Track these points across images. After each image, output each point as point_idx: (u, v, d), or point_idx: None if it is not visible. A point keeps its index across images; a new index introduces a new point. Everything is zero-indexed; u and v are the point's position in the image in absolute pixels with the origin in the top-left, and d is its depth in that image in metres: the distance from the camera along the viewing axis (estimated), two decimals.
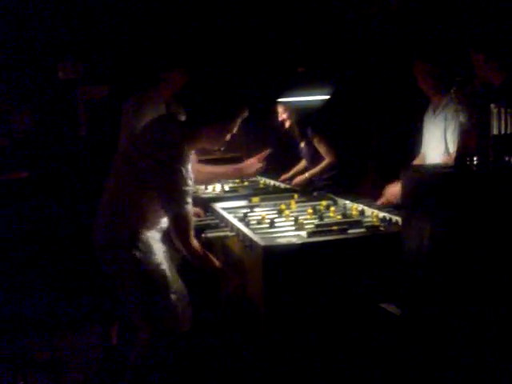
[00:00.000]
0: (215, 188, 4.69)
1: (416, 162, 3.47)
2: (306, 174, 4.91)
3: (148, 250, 2.71)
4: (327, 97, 4.76)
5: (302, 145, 5.05)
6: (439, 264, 1.99)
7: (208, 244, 3.00)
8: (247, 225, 3.00)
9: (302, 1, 4.87)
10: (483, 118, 2.13)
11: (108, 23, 5.48)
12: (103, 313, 3.90)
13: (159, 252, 2.77)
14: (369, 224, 2.88)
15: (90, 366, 3.70)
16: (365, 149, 5.85)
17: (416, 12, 3.84)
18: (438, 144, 3.17)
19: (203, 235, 2.96)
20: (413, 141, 3.60)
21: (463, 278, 1.91)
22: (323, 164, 4.84)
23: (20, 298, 4.67)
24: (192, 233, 2.65)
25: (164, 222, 2.78)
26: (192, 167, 2.78)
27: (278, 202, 3.63)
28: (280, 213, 3.29)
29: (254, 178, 5.27)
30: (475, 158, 2.10)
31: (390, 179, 3.36)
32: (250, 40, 5.04)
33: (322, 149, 4.84)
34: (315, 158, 4.91)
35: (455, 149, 2.94)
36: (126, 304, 2.80)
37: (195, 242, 2.66)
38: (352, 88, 5.28)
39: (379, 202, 3.38)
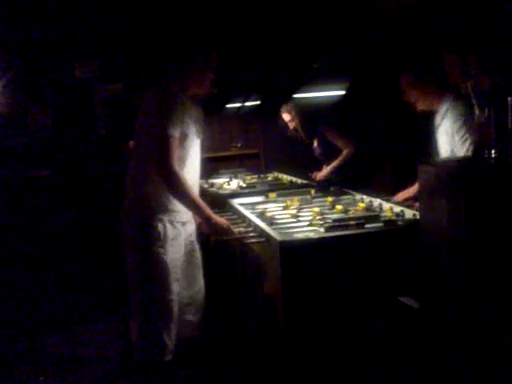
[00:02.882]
0: (231, 184, 4.70)
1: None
2: (328, 168, 4.92)
3: (161, 239, 2.75)
4: (342, 92, 4.75)
5: (315, 144, 5.06)
6: (458, 257, 1.99)
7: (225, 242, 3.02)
8: (264, 220, 3.02)
9: None
10: (500, 110, 2.11)
11: (122, 21, 5.51)
12: (122, 307, 3.94)
13: (174, 246, 2.80)
14: (386, 218, 2.88)
15: (110, 360, 3.73)
16: (379, 145, 5.83)
17: (435, 8, 3.80)
18: (445, 146, 3.16)
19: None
20: (428, 139, 3.57)
21: (483, 271, 1.90)
22: (343, 155, 4.85)
23: (39, 294, 4.73)
24: (173, 161, 2.69)
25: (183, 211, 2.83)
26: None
27: (294, 198, 3.65)
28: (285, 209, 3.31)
29: (271, 174, 5.30)
30: (493, 151, 2.09)
31: (405, 176, 3.35)
32: (265, 37, 5.04)
33: (339, 142, 4.86)
34: (331, 154, 4.92)
35: (461, 151, 2.97)
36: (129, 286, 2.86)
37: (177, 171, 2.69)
38: (366, 84, 5.26)
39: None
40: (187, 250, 2.94)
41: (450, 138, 3.10)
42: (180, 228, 2.86)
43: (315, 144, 5.06)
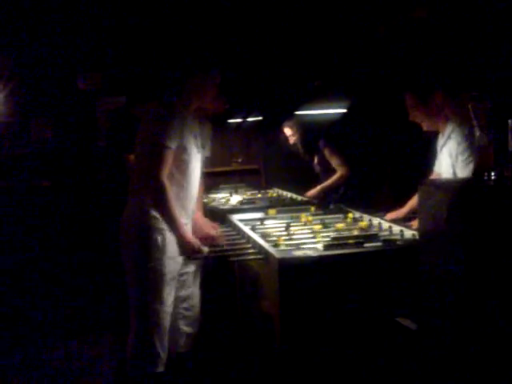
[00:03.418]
0: (231, 200, 4.71)
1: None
2: (318, 187, 4.92)
3: (159, 251, 2.75)
4: (343, 110, 4.78)
5: (316, 160, 5.07)
6: (457, 278, 1.98)
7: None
8: (263, 236, 3.02)
9: (320, 14, 4.89)
10: (501, 133, 2.12)
11: (125, 34, 5.55)
12: (119, 321, 3.93)
13: (172, 258, 2.80)
14: (385, 237, 2.88)
15: (104, 374, 3.71)
16: (379, 162, 5.84)
17: (441, 25, 3.83)
18: (448, 168, 3.17)
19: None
20: (427, 157, 3.58)
21: (481, 292, 1.90)
22: (335, 177, 4.86)
23: (36, 306, 4.72)
24: (163, 172, 2.69)
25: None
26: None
27: (295, 215, 3.65)
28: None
29: (270, 190, 5.30)
30: (493, 173, 2.10)
31: (404, 193, 3.35)
32: (268, 54, 5.08)
33: (333, 161, 4.87)
34: (330, 172, 4.93)
35: (464, 173, 2.98)
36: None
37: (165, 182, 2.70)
38: (368, 102, 5.29)
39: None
40: (185, 261, 2.93)
41: (452, 160, 3.11)
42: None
43: (316, 161, 5.07)
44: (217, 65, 2.94)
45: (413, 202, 3.31)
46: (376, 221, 3.37)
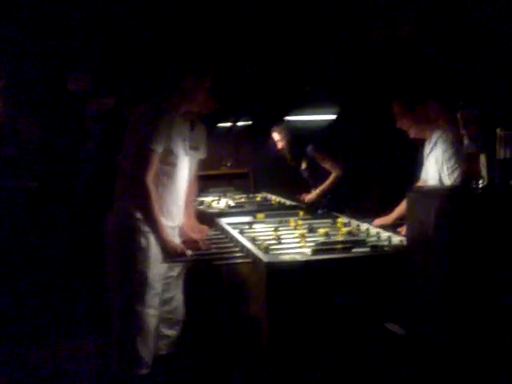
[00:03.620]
0: (220, 203, 4.71)
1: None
2: (317, 190, 4.95)
3: (144, 254, 2.75)
4: (333, 116, 4.80)
5: (304, 166, 5.09)
6: (444, 284, 2.00)
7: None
8: (251, 241, 3.02)
9: (311, 20, 4.92)
10: (489, 141, 2.15)
11: (115, 35, 5.54)
12: (104, 323, 3.91)
13: (157, 261, 2.79)
14: (373, 243, 2.90)
15: (91, 376, 3.69)
16: (367, 168, 5.88)
17: (426, 39, 3.87)
18: (434, 175, 3.19)
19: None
20: (415, 163, 3.61)
21: (469, 298, 1.92)
22: (331, 178, 4.89)
23: (23, 308, 4.68)
24: (148, 174, 2.69)
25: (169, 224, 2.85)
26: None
27: (283, 219, 3.66)
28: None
29: (260, 194, 5.31)
30: (480, 181, 2.12)
31: (392, 199, 3.37)
32: (258, 59, 5.09)
33: (327, 164, 4.90)
34: (318, 177, 4.95)
35: (450, 180, 3.00)
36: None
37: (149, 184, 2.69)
38: (356, 108, 5.32)
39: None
40: (169, 264, 2.93)
41: (439, 167, 3.13)
42: None
43: (303, 166, 5.09)
44: (208, 69, 2.95)
45: (401, 208, 3.33)
46: (364, 226, 3.39)
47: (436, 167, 3.16)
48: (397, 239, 2.97)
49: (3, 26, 5.45)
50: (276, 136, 5.15)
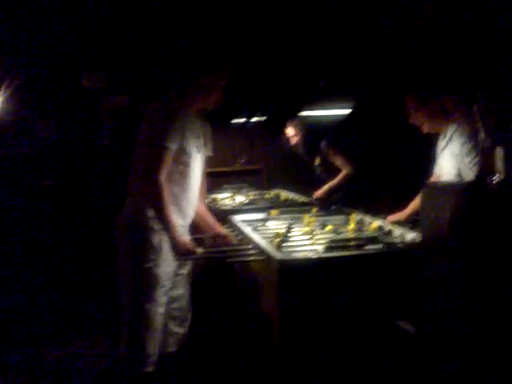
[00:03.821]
0: (234, 200, 4.69)
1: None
2: (325, 187, 4.92)
3: (155, 252, 2.74)
4: (348, 111, 4.76)
5: (317, 162, 5.06)
6: (458, 282, 1.96)
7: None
8: (264, 237, 3.00)
9: (325, 14, 4.88)
10: (506, 134, 2.10)
11: (131, 33, 5.54)
12: (112, 321, 3.92)
13: (167, 259, 2.79)
14: (386, 240, 2.86)
15: (99, 374, 3.70)
16: (381, 164, 5.83)
17: (441, 29, 3.81)
18: (450, 170, 3.14)
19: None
20: (429, 159, 3.56)
21: (481, 296, 1.88)
22: (341, 176, 4.87)
23: (37, 305, 4.71)
24: (161, 172, 2.67)
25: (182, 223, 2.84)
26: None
27: (297, 216, 3.63)
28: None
29: (273, 191, 5.29)
30: (496, 176, 2.07)
31: (406, 195, 3.33)
32: (272, 55, 5.06)
33: (338, 161, 4.88)
34: (332, 173, 4.92)
35: (471, 174, 2.94)
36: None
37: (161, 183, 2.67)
38: (371, 103, 5.28)
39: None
40: (179, 262, 2.91)
41: (457, 161, 3.07)
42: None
43: (317, 162, 5.07)
44: (224, 66, 2.92)
45: (414, 204, 3.29)
46: (378, 223, 3.35)
47: (452, 162, 3.11)
48: (410, 236, 2.92)
49: (18, 24, 5.48)
50: (290, 131, 5.13)
